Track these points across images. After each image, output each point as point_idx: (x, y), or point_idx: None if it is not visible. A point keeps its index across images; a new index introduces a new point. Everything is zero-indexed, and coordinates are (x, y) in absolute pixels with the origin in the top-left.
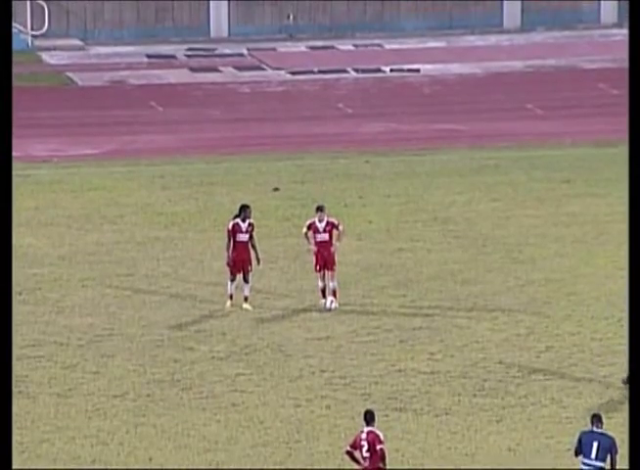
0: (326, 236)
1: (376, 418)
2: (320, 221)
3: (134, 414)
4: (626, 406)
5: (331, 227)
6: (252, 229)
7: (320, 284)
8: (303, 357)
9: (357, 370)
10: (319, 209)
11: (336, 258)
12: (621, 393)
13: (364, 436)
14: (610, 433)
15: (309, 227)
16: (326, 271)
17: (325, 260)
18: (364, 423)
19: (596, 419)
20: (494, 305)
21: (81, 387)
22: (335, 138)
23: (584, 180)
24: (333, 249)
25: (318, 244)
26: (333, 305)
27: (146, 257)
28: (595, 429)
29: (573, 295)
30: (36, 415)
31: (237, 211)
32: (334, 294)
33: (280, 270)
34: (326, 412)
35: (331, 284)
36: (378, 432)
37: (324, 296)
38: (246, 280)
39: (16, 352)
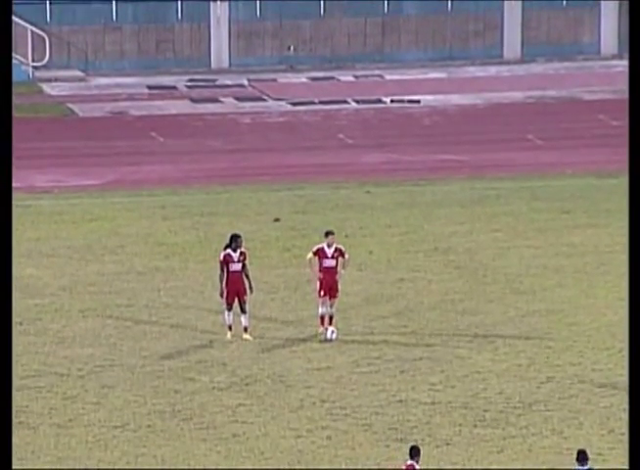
0: (333, 262)
1: (419, 453)
2: (329, 246)
3: (135, 445)
4: (627, 438)
5: (339, 254)
6: (245, 258)
7: (321, 310)
8: (304, 388)
9: (358, 401)
10: (329, 233)
11: (340, 286)
12: (622, 424)
13: (404, 467)
14: (594, 468)
15: (316, 253)
16: (329, 298)
17: (330, 287)
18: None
19: (582, 457)
20: (495, 336)
21: (82, 418)
22: (335, 168)
23: (585, 211)
24: (338, 276)
25: (325, 269)
26: (333, 336)
27: (146, 287)
28: (579, 467)
29: (574, 325)
30: (37, 446)
31: (228, 241)
32: (330, 319)
33: (280, 301)
34: (327, 443)
35: (330, 310)
36: (417, 466)
37: (323, 323)
38: (243, 310)
39: (16, 382)
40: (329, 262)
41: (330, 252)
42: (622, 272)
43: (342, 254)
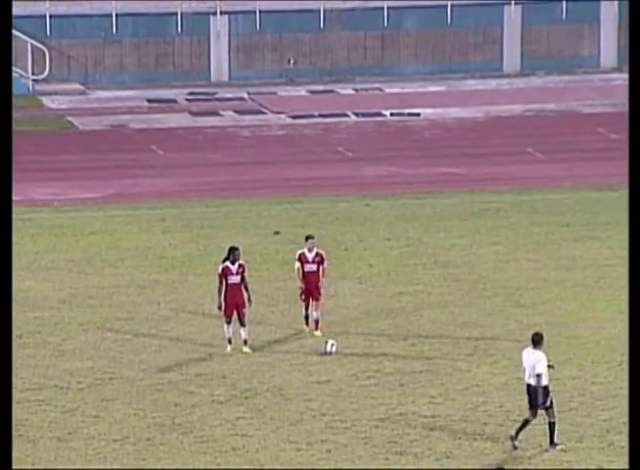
0: (314, 266)
1: None
2: (309, 251)
3: (135, 458)
4: (627, 451)
5: (320, 259)
6: (243, 271)
7: (304, 312)
8: (304, 401)
9: (358, 414)
10: (309, 237)
11: (322, 290)
12: (622, 437)
13: None
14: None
15: (298, 258)
16: (311, 301)
17: (311, 291)
18: None
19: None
20: (495, 349)
21: (81, 431)
22: (335, 182)
23: (584, 224)
24: (320, 283)
25: (306, 274)
26: (333, 349)
27: (146, 300)
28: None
29: (574, 339)
30: (36, 459)
31: (226, 254)
32: (316, 323)
33: (280, 313)
34: (326, 456)
35: (315, 313)
36: None
37: (307, 323)
38: (242, 323)
39: (16, 395)
40: (310, 267)
41: (311, 256)
42: (622, 285)
43: (322, 259)
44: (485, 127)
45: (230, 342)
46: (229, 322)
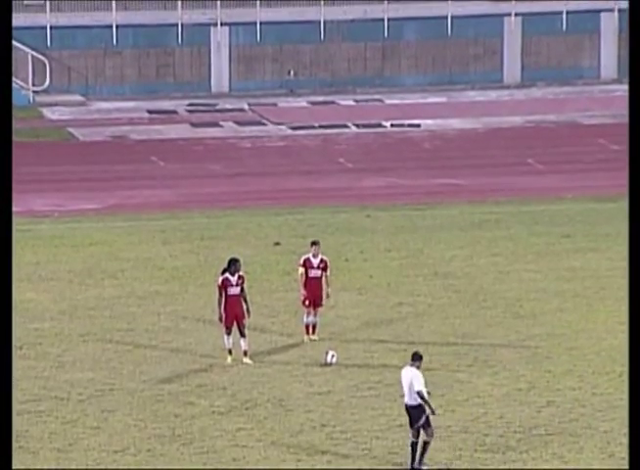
0: (319, 272)
1: None
2: (315, 256)
3: (135, 469)
4: (628, 462)
5: (324, 265)
6: (243, 282)
7: (306, 320)
8: (304, 412)
9: (358, 425)
10: (314, 243)
11: (324, 298)
12: (623, 448)
13: None
14: None
15: (303, 264)
16: (313, 308)
17: (315, 297)
18: None
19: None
20: (495, 360)
21: (82, 442)
22: (335, 193)
23: (585, 235)
24: (325, 292)
25: (311, 279)
26: (333, 360)
27: (146, 311)
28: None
29: (574, 349)
30: None
31: (226, 266)
32: (314, 328)
33: (281, 324)
34: (327, 467)
35: (314, 319)
36: None
37: (308, 332)
38: (242, 334)
39: (16, 406)
40: (314, 273)
41: (316, 262)
42: (622, 296)
43: (326, 265)
44: (486, 138)
45: (230, 353)
46: (229, 333)
